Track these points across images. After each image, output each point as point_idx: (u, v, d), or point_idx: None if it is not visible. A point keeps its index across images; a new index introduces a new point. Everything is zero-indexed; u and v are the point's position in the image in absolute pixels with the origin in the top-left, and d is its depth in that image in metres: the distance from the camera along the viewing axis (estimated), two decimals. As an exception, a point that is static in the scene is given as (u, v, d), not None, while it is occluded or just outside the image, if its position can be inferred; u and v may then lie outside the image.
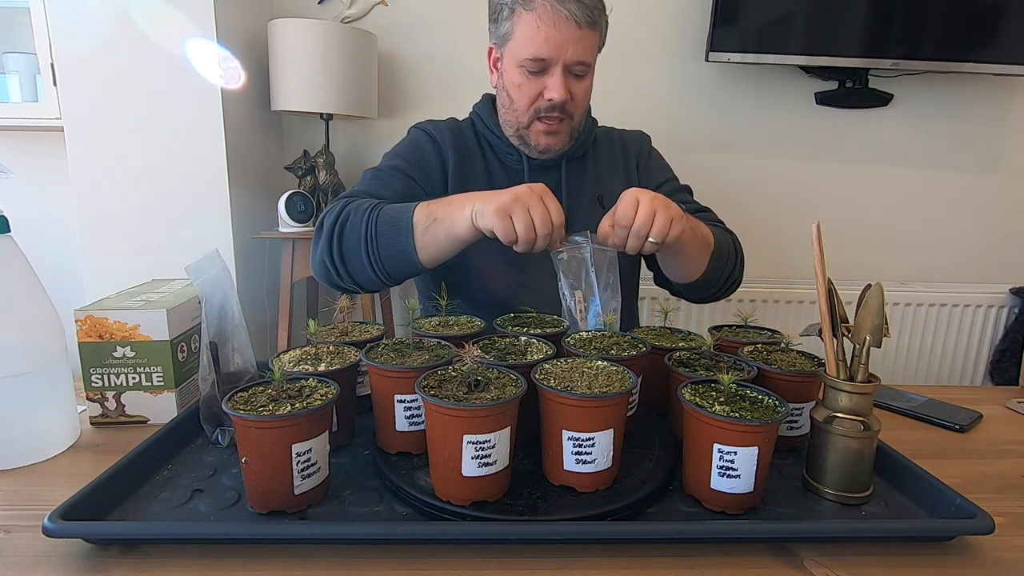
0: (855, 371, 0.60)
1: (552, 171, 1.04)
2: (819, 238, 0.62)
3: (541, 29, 0.89)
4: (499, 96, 1.02)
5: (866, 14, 1.77)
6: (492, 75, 1.02)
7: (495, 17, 0.95)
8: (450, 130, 1.04)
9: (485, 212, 0.73)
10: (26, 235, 0.86)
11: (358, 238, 0.82)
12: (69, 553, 0.51)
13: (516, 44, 0.92)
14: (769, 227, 2.01)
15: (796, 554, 0.52)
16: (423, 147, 1.02)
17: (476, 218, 0.75)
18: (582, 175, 1.05)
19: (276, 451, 0.53)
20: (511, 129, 1.01)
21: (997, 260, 2.08)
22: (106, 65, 1.49)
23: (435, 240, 0.79)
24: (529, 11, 0.90)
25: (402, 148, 1.03)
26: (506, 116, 1.01)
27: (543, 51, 0.90)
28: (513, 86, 0.95)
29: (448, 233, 0.78)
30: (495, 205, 0.72)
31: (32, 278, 0.68)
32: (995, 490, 0.66)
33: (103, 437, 0.73)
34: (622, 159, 1.11)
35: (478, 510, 0.54)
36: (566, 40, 0.90)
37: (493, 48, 0.99)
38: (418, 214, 0.80)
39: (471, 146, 1.04)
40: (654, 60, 1.91)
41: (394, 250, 0.81)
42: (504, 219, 0.72)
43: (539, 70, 0.92)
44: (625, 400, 0.58)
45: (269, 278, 1.81)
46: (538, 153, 1.01)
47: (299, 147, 1.81)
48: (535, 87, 0.94)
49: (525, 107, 0.96)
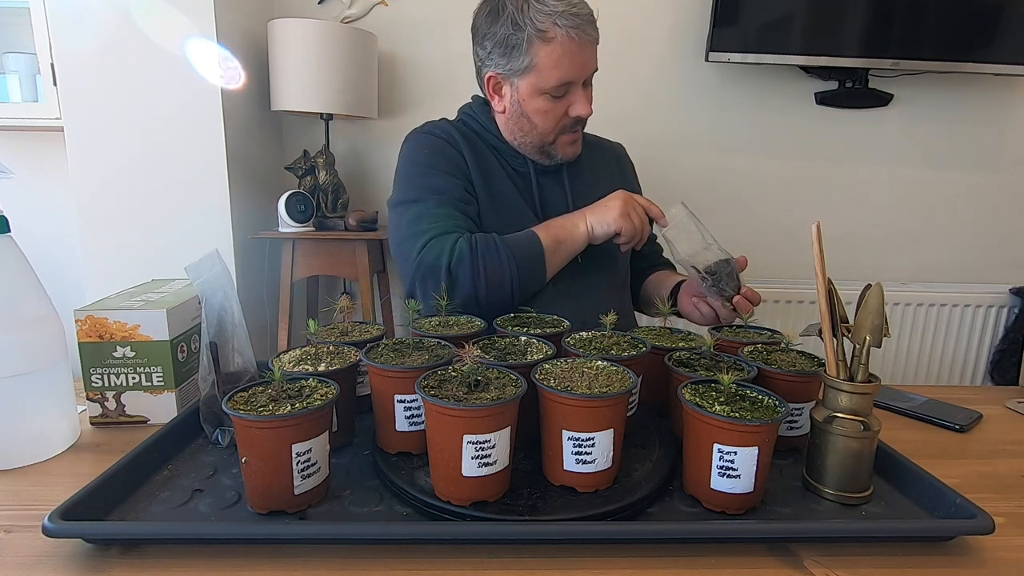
0: (855, 371, 0.59)
1: (555, 175, 1.06)
2: (819, 238, 0.62)
3: (567, 57, 0.93)
4: (511, 120, 1.02)
5: (866, 14, 1.77)
6: (495, 100, 1.02)
7: (505, 52, 0.95)
8: (458, 131, 1.04)
9: (607, 221, 0.93)
10: (26, 235, 0.86)
11: (502, 277, 0.91)
12: (69, 553, 0.51)
13: (540, 76, 0.95)
14: (769, 227, 2.01)
15: (796, 554, 0.53)
16: (446, 151, 1.02)
17: (595, 228, 0.94)
18: (580, 179, 1.08)
19: (276, 451, 0.53)
20: (531, 148, 1.03)
21: (997, 260, 2.08)
22: (106, 65, 1.49)
23: (560, 259, 0.96)
24: (548, 43, 0.92)
25: (428, 159, 1.01)
26: (525, 138, 1.02)
27: (570, 75, 0.95)
28: (538, 113, 0.98)
29: (571, 250, 0.96)
30: (615, 214, 0.93)
31: (32, 278, 0.68)
32: (995, 490, 0.66)
33: (103, 437, 0.73)
34: (616, 163, 1.17)
35: (478, 510, 0.54)
36: (588, 60, 0.96)
37: (495, 77, 0.99)
38: (545, 242, 0.94)
39: (480, 147, 1.05)
40: (654, 60, 1.91)
41: (535, 278, 0.94)
42: (627, 220, 0.93)
43: (564, 93, 0.97)
44: (625, 400, 0.58)
45: (269, 278, 1.80)
46: (559, 161, 1.04)
47: (299, 147, 1.81)
48: (560, 108, 0.98)
49: (552, 128, 0.99)
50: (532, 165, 1.04)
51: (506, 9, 0.94)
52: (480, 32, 0.99)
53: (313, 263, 1.72)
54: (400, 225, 0.98)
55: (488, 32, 0.97)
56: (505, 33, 0.94)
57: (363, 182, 1.96)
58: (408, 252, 0.94)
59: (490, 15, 0.97)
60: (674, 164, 1.97)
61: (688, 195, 0.90)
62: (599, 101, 1.06)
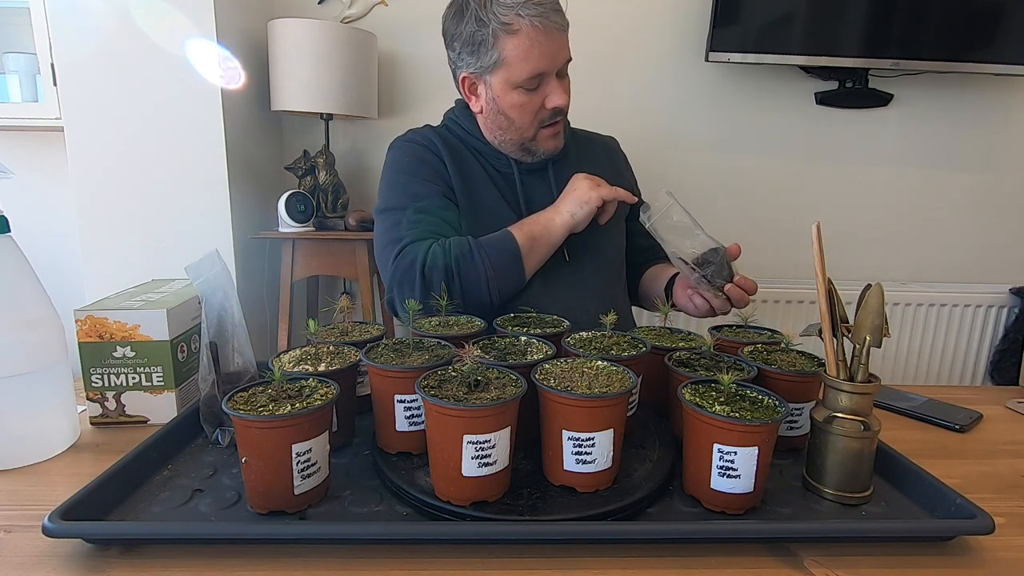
0: (855, 371, 0.59)
1: (540, 173, 1.05)
2: (819, 238, 0.62)
3: (535, 47, 0.91)
4: (488, 119, 1.01)
5: (866, 14, 1.77)
6: (472, 101, 1.02)
7: (473, 50, 0.95)
8: (439, 137, 1.04)
9: (582, 200, 0.94)
10: (26, 235, 0.86)
11: (477, 279, 0.91)
12: (69, 553, 0.51)
13: (510, 69, 0.93)
14: (769, 227, 2.01)
15: (796, 554, 0.53)
16: (426, 158, 1.02)
17: (575, 213, 0.94)
18: (566, 175, 1.05)
19: (276, 451, 0.53)
20: (512, 146, 1.02)
21: (997, 260, 2.08)
22: (106, 65, 1.49)
23: (539, 256, 0.95)
24: (513, 35, 0.91)
25: (410, 166, 1.01)
26: (504, 136, 1.01)
27: (541, 66, 0.93)
28: (514, 108, 0.96)
29: (549, 244, 0.95)
30: (585, 190, 0.95)
31: (32, 278, 0.68)
32: (995, 490, 0.66)
33: (103, 437, 0.73)
34: (606, 156, 1.15)
35: (478, 510, 0.54)
36: (558, 48, 0.94)
37: (469, 77, 0.99)
38: (520, 240, 0.93)
39: (462, 151, 1.04)
40: (654, 60, 1.91)
41: (512, 278, 0.93)
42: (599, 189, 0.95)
43: (537, 85, 0.95)
44: (625, 400, 0.58)
45: (269, 278, 1.80)
46: (542, 157, 1.03)
47: (299, 147, 1.81)
48: (536, 101, 0.96)
49: (529, 123, 0.98)
50: (516, 165, 1.03)
51: (469, 7, 0.93)
52: (448, 34, 0.98)
53: (313, 263, 1.72)
54: (381, 232, 0.98)
55: (455, 33, 0.96)
56: (471, 31, 0.93)
57: (363, 182, 1.96)
58: (386, 259, 0.94)
59: (455, 16, 0.96)
60: (674, 164, 1.97)
61: (688, 195, 0.89)
62: (599, 101, 1.06)
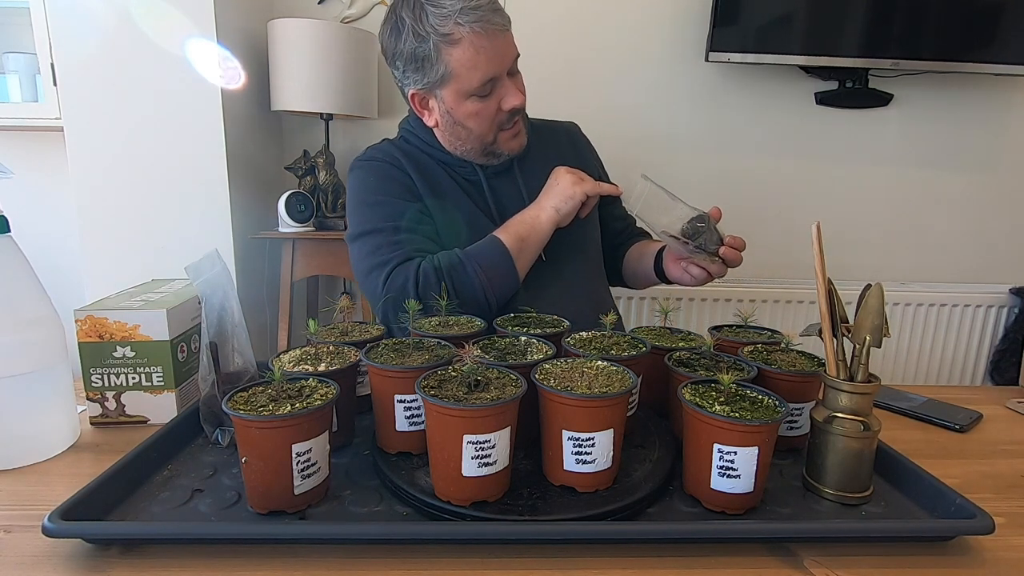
0: (855, 371, 0.59)
1: (506, 175, 1.04)
2: (819, 238, 0.62)
3: (480, 53, 0.89)
4: (446, 131, 0.99)
5: (866, 14, 1.77)
6: (425, 116, 0.99)
7: (418, 67, 0.92)
8: (400, 151, 1.01)
9: (567, 194, 0.94)
10: (26, 235, 0.86)
11: (473, 290, 0.90)
12: (69, 553, 0.51)
13: (460, 80, 0.91)
14: (769, 227, 2.01)
15: (796, 554, 0.53)
16: (392, 174, 0.99)
17: (559, 208, 0.94)
18: (532, 171, 1.04)
19: (276, 451, 0.53)
20: (474, 153, 1.00)
21: (997, 260, 2.08)
22: (106, 65, 1.49)
23: (530, 255, 0.95)
24: (455, 45, 0.88)
25: (378, 186, 0.99)
26: (465, 145, 0.99)
27: (490, 71, 0.91)
28: (470, 117, 0.94)
29: (538, 242, 0.95)
30: (568, 184, 0.95)
31: (32, 278, 0.68)
32: (995, 490, 0.66)
33: (103, 437, 0.73)
34: (568, 143, 1.13)
35: (478, 510, 0.54)
36: (504, 49, 0.92)
37: (418, 93, 0.96)
38: (508, 243, 0.92)
39: (426, 162, 1.01)
40: (654, 60, 1.91)
41: (507, 282, 0.93)
42: (582, 183, 0.95)
43: (491, 90, 0.93)
44: (625, 400, 0.58)
45: (269, 278, 1.81)
46: (507, 158, 1.01)
47: (299, 147, 1.81)
48: (492, 106, 0.94)
49: (488, 128, 0.96)
50: (481, 171, 1.01)
51: (405, 23, 0.90)
52: (388, 52, 0.95)
53: (313, 263, 1.72)
54: (361, 258, 0.95)
55: (396, 51, 0.93)
56: (411, 47, 0.90)
57: (363, 182, 1.96)
58: (374, 286, 0.92)
59: (392, 33, 0.93)
60: (674, 164, 1.97)
61: (688, 195, 0.88)
62: (599, 100, 1.06)
